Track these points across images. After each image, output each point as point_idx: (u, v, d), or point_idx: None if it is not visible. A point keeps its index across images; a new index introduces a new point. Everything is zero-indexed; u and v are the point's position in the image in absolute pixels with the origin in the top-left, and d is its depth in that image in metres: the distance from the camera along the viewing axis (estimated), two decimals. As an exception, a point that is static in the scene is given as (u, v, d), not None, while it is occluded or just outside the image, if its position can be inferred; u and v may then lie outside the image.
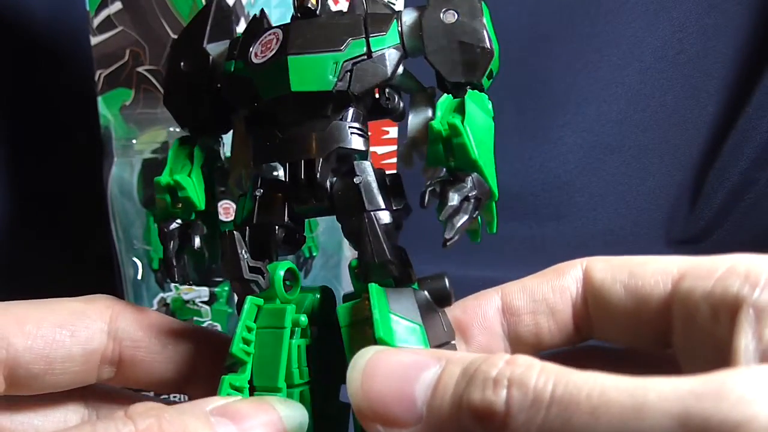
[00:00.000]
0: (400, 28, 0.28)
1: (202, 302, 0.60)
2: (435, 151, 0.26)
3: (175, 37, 0.59)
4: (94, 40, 0.57)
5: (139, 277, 0.59)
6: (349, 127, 0.28)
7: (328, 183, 0.27)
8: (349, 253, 0.65)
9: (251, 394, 0.26)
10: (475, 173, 0.25)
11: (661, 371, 0.24)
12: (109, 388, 0.30)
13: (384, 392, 0.21)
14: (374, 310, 0.24)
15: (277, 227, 0.28)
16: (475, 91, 0.28)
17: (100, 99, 0.59)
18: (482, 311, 0.29)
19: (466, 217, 0.24)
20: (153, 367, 0.29)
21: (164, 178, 0.29)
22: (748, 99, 0.96)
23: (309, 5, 0.28)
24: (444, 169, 0.27)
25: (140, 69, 0.59)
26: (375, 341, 0.24)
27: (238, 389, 0.26)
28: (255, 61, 0.28)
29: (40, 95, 0.78)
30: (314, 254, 0.61)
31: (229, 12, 0.33)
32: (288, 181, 0.27)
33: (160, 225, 0.29)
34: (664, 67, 0.95)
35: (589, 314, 0.28)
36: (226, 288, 0.61)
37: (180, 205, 0.29)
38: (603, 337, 0.28)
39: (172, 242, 0.29)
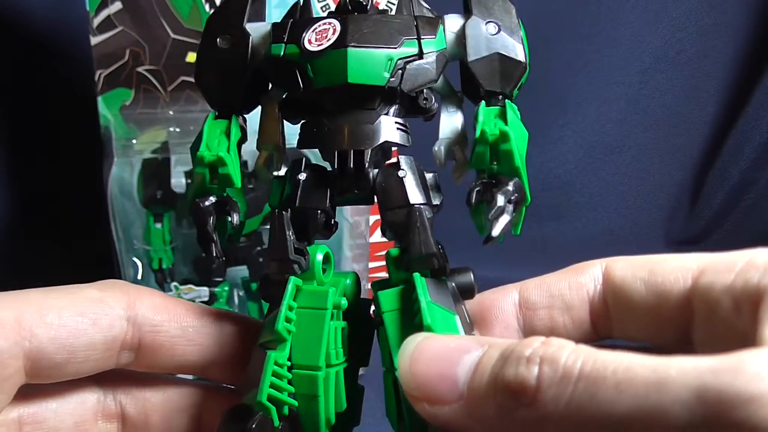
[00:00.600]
0: (444, 34, 0.29)
1: (202, 302, 0.60)
2: (481, 154, 0.27)
3: (173, 36, 0.59)
4: (94, 40, 0.57)
5: (139, 277, 0.59)
6: (395, 122, 0.29)
7: (371, 174, 0.29)
8: (349, 253, 0.65)
9: (289, 371, 0.27)
10: (516, 178, 0.27)
11: None
12: (123, 369, 0.30)
13: (429, 373, 0.23)
14: (421, 299, 0.26)
15: (319, 212, 0.28)
16: (508, 102, 0.29)
17: (100, 99, 0.59)
18: (499, 305, 0.29)
19: (509, 218, 0.26)
20: (173, 351, 0.29)
21: (207, 154, 0.29)
22: (748, 99, 0.96)
23: (362, 0, 0.29)
24: (474, 171, 0.28)
25: (140, 69, 0.59)
26: (419, 327, 0.26)
27: (281, 365, 0.26)
28: (310, 48, 0.28)
29: (40, 95, 0.78)
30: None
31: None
32: (336, 169, 0.28)
33: (195, 201, 0.29)
34: (664, 67, 0.95)
35: (609, 312, 0.28)
36: (226, 288, 0.61)
37: (216, 182, 0.29)
38: (623, 334, 0.28)
39: (211, 218, 0.29)
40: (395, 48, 0.28)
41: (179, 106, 0.61)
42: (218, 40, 0.30)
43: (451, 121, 0.31)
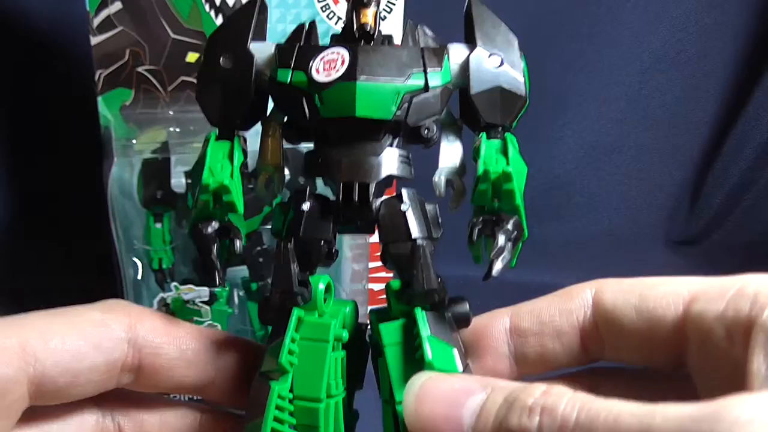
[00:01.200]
0: (450, 65, 0.30)
1: (202, 302, 0.60)
2: (483, 192, 0.28)
3: (173, 36, 0.59)
4: (94, 40, 0.57)
5: (139, 277, 0.59)
6: (399, 154, 0.29)
7: (374, 205, 0.29)
8: (349, 253, 0.65)
9: (290, 402, 0.27)
10: (516, 216, 0.28)
11: (674, 388, 0.25)
12: (121, 390, 0.30)
13: (434, 415, 0.24)
14: (423, 335, 0.27)
15: (322, 242, 0.29)
16: (508, 134, 0.30)
17: (100, 99, 0.59)
18: (491, 331, 0.30)
19: (509, 257, 0.27)
20: (172, 373, 0.29)
21: (211, 181, 0.29)
22: (748, 99, 0.96)
23: (368, 29, 0.29)
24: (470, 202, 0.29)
25: (140, 69, 0.59)
26: (420, 362, 0.27)
27: (283, 398, 0.27)
28: (317, 78, 0.28)
29: (40, 95, 0.78)
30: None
31: (266, 9, 0.32)
32: (340, 200, 0.28)
33: (197, 227, 0.29)
34: (664, 67, 0.95)
35: (601, 337, 0.29)
36: (226, 288, 0.61)
37: (218, 207, 0.29)
38: (615, 358, 0.29)
39: (214, 246, 0.29)
40: (403, 81, 0.28)
41: (179, 106, 0.61)
42: (221, 59, 0.30)
43: (450, 151, 0.31)
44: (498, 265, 0.27)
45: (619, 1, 0.91)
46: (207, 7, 0.58)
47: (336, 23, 0.61)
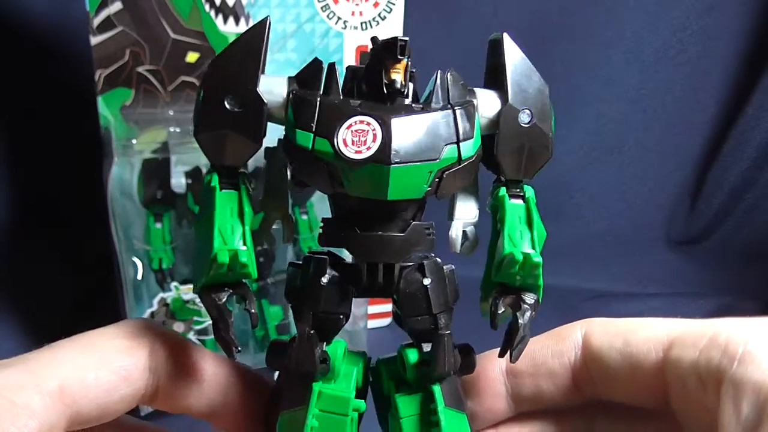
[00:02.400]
0: (480, 122, 0.28)
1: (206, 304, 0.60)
2: (507, 274, 0.27)
3: (173, 36, 0.59)
4: (94, 40, 0.57)
5: (139, 277, 0.59)
6: (424, 228, 0.28)
7: (395, 274, 0.28)
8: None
9: None
10: (536, 295, 0.27)
11: (667, 424, 0.26)
12: (127, 417, 0.30)
13: None
14: (441, 416, 0.28)
15: (341, 316, 0.28)
16: (529, 190, 0.29)
17: (100, 99, 0.59)
18: (487, 374, 0.30)
19: (527, 339, 0.27)
20: (185, 398, 0.29)
21: (223, 255, 0.26)
22: (748, 99, 0.96)
23: (398, 86, 0.26)
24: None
25: (140, 69, 0.59)
26: None
27: None
28: (346, 153, 0.25)
29: (40, 95, 0.78)
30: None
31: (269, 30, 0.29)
32: (365, 277, 0.27)
33: (210, 295, 0.27)
34: (664, 67, 0.95)
35: (591, 377, 0.29)
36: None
37: (231, 273, 0.27)
38: (606, 397, 0.29)
39: (230, 318, 0.28)
40: (437, 159, 0.26)
41: (179, 106, 0.61)
42: (226, 101, 0.26)
43: (466, 203, 0.30)
44: (519, 354, 0.27)
45: (619, 1, 0.91)
46: (207, 7, 0.58)
47: (336, 23, 0.61)
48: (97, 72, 0.58)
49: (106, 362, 0.27)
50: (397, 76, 0.26)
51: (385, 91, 0.26)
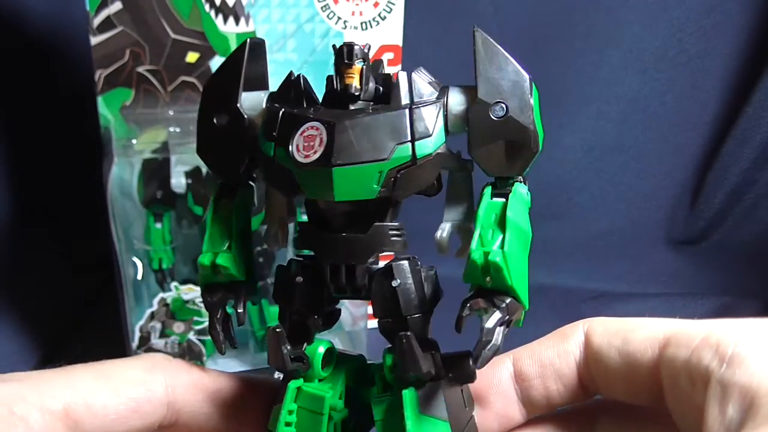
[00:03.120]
0: (445, 117, 0.27)
1: (203, 302, 0.60)
2: (473, 275, 0.26)
3: (173, 36, 0.59)
4: (94, 40, 0.57)
5: (139, 277, 0.59)
6: (390, 230, 0.28)
7: (366, 279, 0.28)
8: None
9: None
10: (511, 298, 0.26)
11: (664, 423, 0.26)
12: None
13: None
14: (408, 422, 0.27)
15: (315, 316, 0.29)
16: (516, 188, 0.28)
17: (100, 99, 0.59)
18: (497, 378, 0.30)
19: (497, 346, 0.25)
20: (202, 426, 0.30)
21: (206, 259, 0.29)
22: (748, 99, 0.96)
23: (353, 91, 0.27)
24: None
25: (140, 69, 0.59)
26: None
27: None
28: (297, 158, 0.26)
29: (40, 95, 0.78)
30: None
31: (262, 49, 0.30)
32: (329, 277, 0.28)
33: (203, 293, 0.30)
34: (664, 67, 0.95)
35: (594, 378, 0.30)
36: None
37: (221, 276, 0.29)
38: (607, 394, 0.30)
39: (217, 315, 0.29)
40: (386, 159, 0.26)
41: (179, 106, 0.61)
42: (215, 118, 0.29)
43: (457, 202, 0.29)
44: (485, 355, 0.25)
45: (619, 1, 0.91)
46: (207, 7, 0.58)
47: (336, 23, 0.61)
48: (97, 72, 0.58)
49: (117, 391, 0.27)
50: (351, 80, 0.27)
51: (341, 96, 0.27)
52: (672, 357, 0.26)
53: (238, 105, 0.29)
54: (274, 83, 0.30)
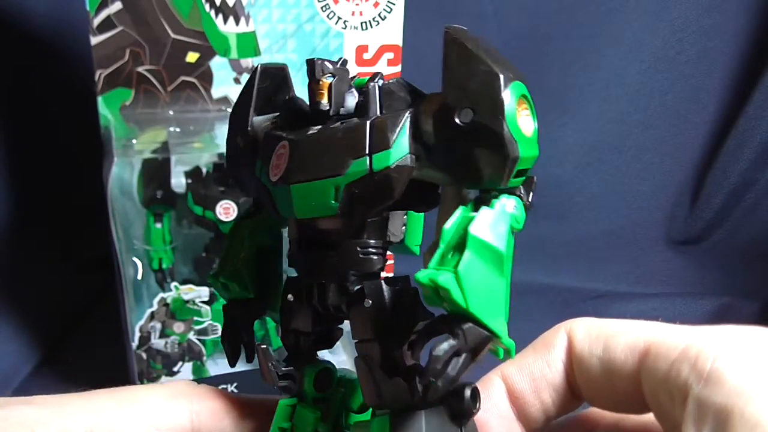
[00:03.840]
0: (410, 130, 0.24)
1: (202, 302, 0.60)
2: (429, 299, 0.23)
3: (173, 36, 0.59)
4: (94, 40, 0.57)
5: (139, 277, 0.59)
6: (360, 247, 0.26)
7: (342, 299, 0.27)
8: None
9: None
10: (470, 324, 0.22)
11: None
12: None
13: None
14: None
15: (302, 337, 0.28)
16: (499, 198, 0.24)
17: (100, 99, 0.59)
18: (494, 402, 0.29)
19: (450, 378, 0.22)
20: None
21: (214, 279, 0.30)
22: (748, 99, 0.96)
23: (322, 107, 0.26)
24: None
25: (140, 69, 0.59)
26: None
27: None
28: (271, 176, 0.27)
29: (40, 95, 0.78)
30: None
31: (282, 75, 0.30)
32: (304, 296, 0.28)
33: (224, 306, 0.30)
34: (664, 67, 0.95)
35: (578, 382, 0.29)
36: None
37: (229, 291, 0.30)
38: (592, 402, 0.29)
39: (228, 329, 0.30)
40: (340, 174, 0.24)
41: (179, 106, 0.61)
42: (238, 138, 0.30)
43: (448, 217, 0.26)
44: (435, 387, 0.22)
45: (619, 1, 0.91)
46: (207, 7, 0.58)
47: (336, 23, 0.61)
48: (97, 72, 0.58)
49: (140, 419, 0.27)
50: (321, 97, 0.26)
51: (313, 114, 0.26)
52: (651, 369, 0.25)
53: (248, 128, 0.29)
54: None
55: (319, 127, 0.26)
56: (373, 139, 0.24)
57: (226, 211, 0.57)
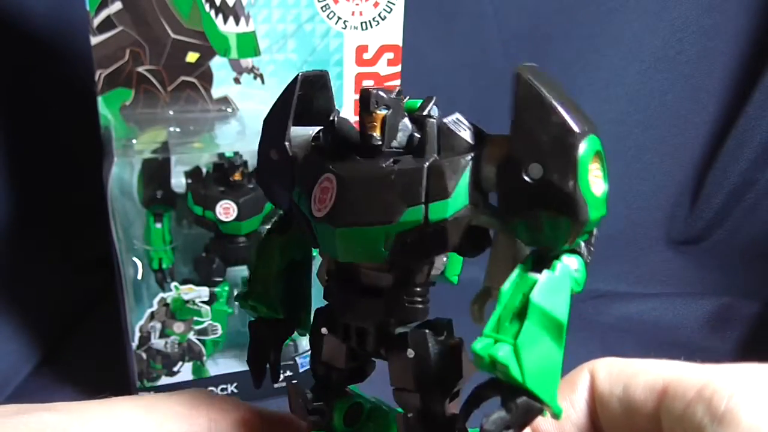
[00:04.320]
0: (478, 173, 0.23)
1: (202, 302, 0.60)
2: (482, 367, 0.22)
3: (173, 36, 0.59)
4: (94, 40, 0.57)
5: (139, 277, 0.59)
6: (407, 296, 0.25)
7: (378, 344, 0.26)
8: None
9: None
10: (524, 398, 0.22)
11: None
12: None
13: None
14: None
15: (334, 372, 0.27)
16: (561, 259, 0.23)
17: (100, 99, 0.59)
18: None
19: None
20: None
21: (243, 301, 0.29)
22: (748, 99, 0.96)
23: (374, 141, 0.24)
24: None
25: (140, 69, 0.59)
26: None
27: None
28: (313, 210, 0.25)
29: (40, 95, 0.78)
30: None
31: (322, 81, 0.28)
32: (342, 336, 0.27)
33: (252, 323, 0.29)
34: (664, 67, 0.95)
35: (600, 421, 0.29)
36: (226, 288, 0.61)
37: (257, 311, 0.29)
38: None
39: (271, 354, 0.29)
40: (392, 222, 0.23)
41: (179, 106, 0.61)
42: (271, 152, 0.28)
43: (499, 267, 0.25)
44: None
45: (619, 1, 0.91)
46: (207, 7, 0.58)
47: (336, 23, 0.61)
48: (97, 72, 0.58)
49: (160, 426, 0.27)
50: (373, 129, 0.24)
51: (363, 146, 0.24)
52: (669, 410, 0.25)
53: (285, 143, 0.27)
54: (274, 83, 0.30)
55: (370, 161, 0.24)
56: (430, 186, 0.23)
57: (226, 211, 0.57)
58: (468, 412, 0.23)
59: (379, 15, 0.62)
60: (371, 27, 0.62)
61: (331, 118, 0.26)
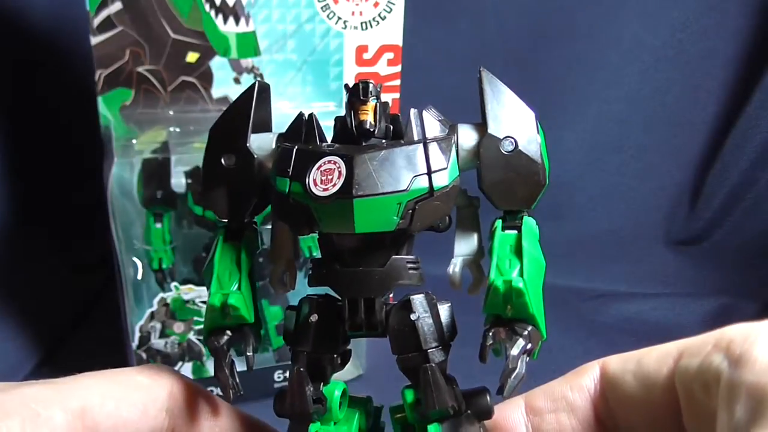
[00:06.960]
0: (457, 153, 0.28)
1: (203, 302, 0.60)
2: (494, 304, 0.26)
3: (173, 36, 0.59)
4: (94, 40, 0.57)
5: (139, 277, 0.59)
6: (407, 262, 0.28)
7: (383, 314, 0.28)
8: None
9: None
10: (532, 326, 0.26)
11: None
12: None
13: None
14: None
15: (334, 356, 0.29)
16: (526, 220, 0.29)
17: (100, 99, 0.59)
18: (507, 415, 0.30)
19: (522, 374, 0.25)
20: None
21: (216, 299, 0.29)
22: (748, 99, 0.96)
23: (367, 126, 0.28)
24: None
25: (140, 69, 0.59)
26: None
27: None
28: (315, 191, 0.27)
29: (40, 95, 0.78)
30: (314, 254, 0.61)
31: (268, 93, 0.31)
32: (347, 313, 0.28)
33: (210, 338, 0.29)
34: (664, 67, 0.95)
35: (611, 409, 0.29)
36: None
37: (229, 319, 0.29)
38: (626, 423, 0.29)
39: (226, 359, 0.29)
40: (404, 190, 0.26)
41: (179, 106, 0.61)
42: (223, 159, 0.30)
43: (466, 237, 0.30)
44: (509, 388, 0.25)
45: (619, 1, 0.91)
46: (207, 7, 0.58)
47: (336, 23, 0.61)
48: (97, 72, 0.58)
49: (126, 395, 0.28)
50: (366, 116, 0.28)
51: (355, 133, 0.28)
52: (685, 368, 0.25)
53: (248, 144, 0.29)
54: (274, 83, 0.31)
55: (367, 145, 0.28)
56: (429, 159, 0.27)
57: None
58: (486, 345, 0.26)
59: (379, 15, 0.62)
60: (371, 27, 0.62)
61: (302, 118, 0.29)
